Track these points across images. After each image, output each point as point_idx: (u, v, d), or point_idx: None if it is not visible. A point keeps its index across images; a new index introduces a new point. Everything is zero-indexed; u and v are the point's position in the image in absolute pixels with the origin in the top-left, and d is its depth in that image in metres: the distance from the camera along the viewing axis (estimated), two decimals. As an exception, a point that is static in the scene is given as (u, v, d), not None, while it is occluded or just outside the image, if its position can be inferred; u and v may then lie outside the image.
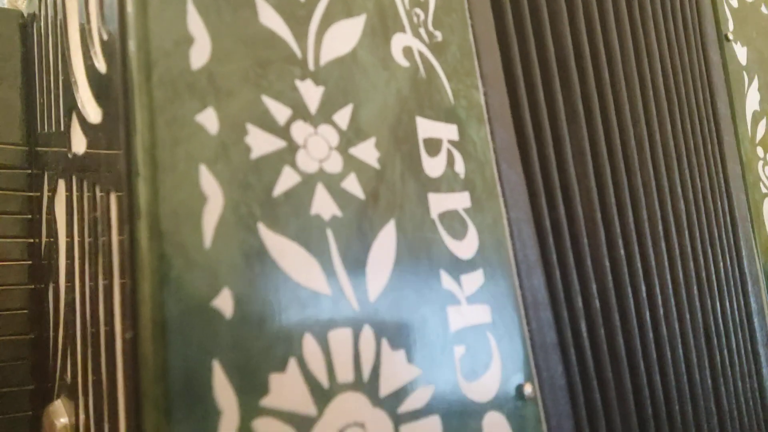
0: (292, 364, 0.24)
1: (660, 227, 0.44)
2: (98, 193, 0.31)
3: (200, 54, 0.26)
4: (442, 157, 0.33)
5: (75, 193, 0.38)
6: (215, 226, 0.24)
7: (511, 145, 0.38)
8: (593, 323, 0.38)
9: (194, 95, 0.25)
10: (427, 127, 0.33)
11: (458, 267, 0.31)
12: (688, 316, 0.44)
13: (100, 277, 0.30)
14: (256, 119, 0.26)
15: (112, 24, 0.27)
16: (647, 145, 0.45)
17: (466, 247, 0.32)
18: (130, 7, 0.25)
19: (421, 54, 0.34)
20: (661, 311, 0.42)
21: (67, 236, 0.40)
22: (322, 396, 0.25)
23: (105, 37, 0.29)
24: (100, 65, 0.30)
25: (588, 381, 0.36)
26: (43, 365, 0.50)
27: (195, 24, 0.26)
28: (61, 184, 0.44)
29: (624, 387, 0.38)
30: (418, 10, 0.35)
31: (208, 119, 0.25)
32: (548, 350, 0.34)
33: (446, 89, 0.35)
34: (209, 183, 0.24)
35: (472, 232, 0.33)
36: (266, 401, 0.23)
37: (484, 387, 0.30)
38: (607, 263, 0.40)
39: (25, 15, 0.58)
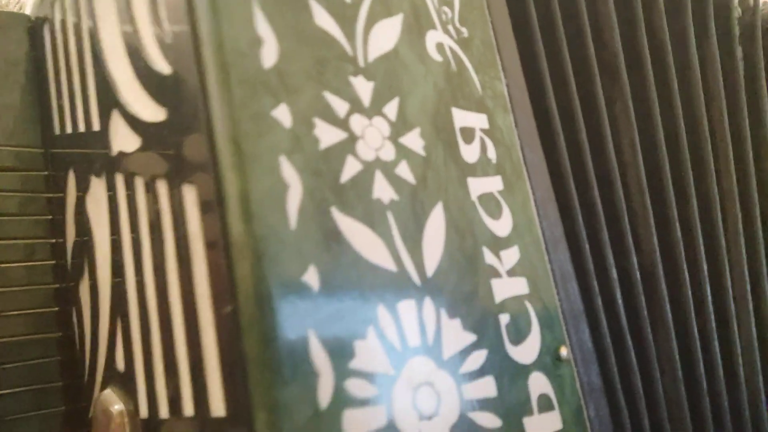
0: (371, 331, 0.27)
1: (740, 223, 0.49)
2: (161, 187, 0.33)
3: (270, 54, 0.28)
4: (476, 144, 0.36)
5: (124, 192, 0.39)
6: (297, 210, 0.26)
7: (533, 132, 0.41)
8: (631, 292, 0.42)
9: (269, 92, 0.27)
10: (461, 117, 0.36)
11: (497, 244, 0.34)
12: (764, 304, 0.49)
13: (172, 265, 0.32)
14: (321, 113, 0.29)
15: (179, 28, 0.29)
16: (732, 157, 0.51)
17: (502, 225, 0.35)
18: (201, 12, 0.28)
19: (451, 49, 0.37)
20: (731, 292, 0.48)
21: (112, 234, 0.42)
22: (397, 359, 0.27)
23: (168, 40, 0.31)
24: (161, 66, 0.32)
25: (622, 342, 0.41)
26: (74, 362, 0.51)
27: (262, 26, 0.28)
28: (97, 183, 0.46)
29: (669, 348, 0.43)
30: (446, 8, 0.38)
31: (282, 114, 0.27)
32: (577, 317, 0.38)
33: (474, 81, 0.38)
34: (289, 172, 0.27)
35: (506, 212, 0.36)
36: (353, 364, 0.26)
37: (527, 351, 0.33)
38: (656, 241, 0.44)
39: (33, 18, 0.58)
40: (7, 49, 0.57)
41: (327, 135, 0.29)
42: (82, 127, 0.48)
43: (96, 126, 0.45)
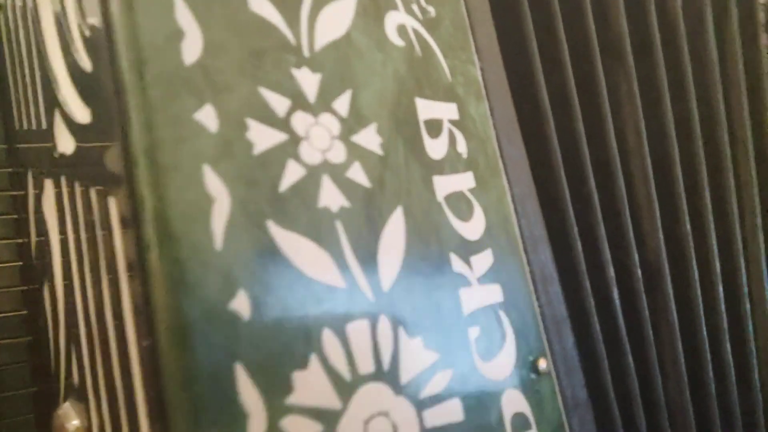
0: (314, 360, 0.24)
1: (758, 217, 0.47)
2: (93, 195, 0.30)
3: (192, 48, 0.25)
4: (444, 137, 0.33)
5: (66, 192, 0.37)
6: (225, 226, 0.23)
7: (511, 121, 0.37)
8: (631, 289, 0.40)
9: (191, 92, 0.24)
10: (426, 108, 0.32)
11: (467, 248, 0.31)
12: None
13: (105, 280, 0.29)
14: (255, 113, 0.26)
15: (95, 19, 0.26)
16: (751, 149, 0.47)
17: (474, 227, 0.32)
18: (114, 2, 0.24)
19: (415, 31, 0.33)
20: (745, 289, 0.45)
21: (61, 233, 0.39)
22: (345, 389, 0.25)
23: (87, 33, 0.28)
24: (84, 63, 0.29)
25: (618, 345, 0.38)
26: (43, 367, 0.49)
27: (183, 16, 0.25)
28: (48, 184, 0.43)
29: (674, 350, 0.40)
30: (409, -14, 0.34)
31: (207, 116, 0.24)
32: (559, 323, 0.34)
33: (443, 66, 0.34)
34: (214, 183, 0.23)
35: (479, 212, 0.33)
36: (291, 399, 0.23)
37: (500, 366, 0.30)
38: (661, 236, 0.42)
39: (-10, 6, 0.55)
40: (-38, 38, 0.54)
41: (262, 138, 0.25)
42: (34, 125, 0.46)
43: (44, 124, 0.42)
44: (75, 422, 0.39)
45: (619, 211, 0.41)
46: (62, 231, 0.39)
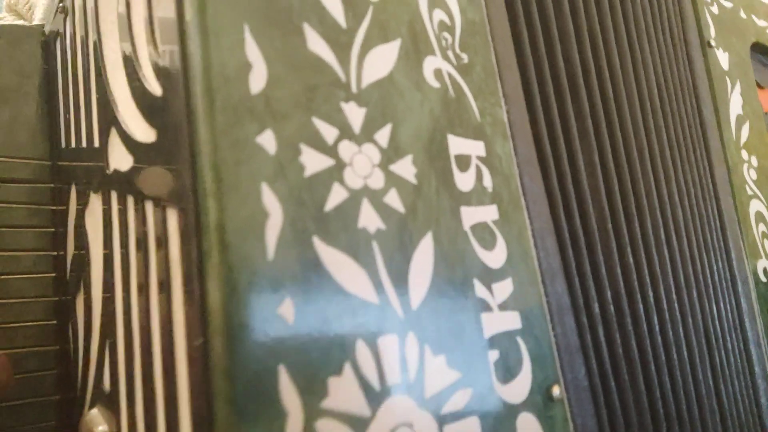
0: (348, 368, 0.26)
1: (662, 234, 0.46)
2: (148, 209, 0.33)
3: (258, 79, 0.28)
4: (472, 172, 0.35)
5: (116, 207, 0.39)
6: (276, 239, 0.26)
7: (532, 160, 0.40)
8: (609, 328, 0.40)
9: (254, 118, 0.27)
10: (457, 144, 0.35)
11: (490, 276, 0.33)
12: (690, 320, 0.46)
13: (154, 288, 0.31)
14: (308, 139, 0.28)
15: (171, 51, 0.29)
16: (647, 155, 0.47)
17: (496, 257, 0.34)
18: (191, 36, 0.27)
19: (450, 75, 0.36)
20: (667, 315, 0.44)
21: (105, 248, 0.42)
22: (374, 398, 0.26)
23: (160, 62, 0.31)
24: (154, 88, 0.32)
25: (607, 383, 0.38)
26: (69, 376, 0.51)
27: (252, 51, 0.28)
28: (95, 199, 0.46)
29: (638, 388, 0.40)
30: (446, 34, 0.37)
31: (267, 140, 0.27)
32: (572, 353, 0.36)
33: (473, 108, 0.37)
34: (270, 200, 0.26)
35: (501, 243, 0.35)
36: (326, 403, 0.25)
37: (516, 389, 0.32)
38: (619, 271, 0.42)
39: (47, 32, 0.59)
40: (20, 61, 0.58)
41: (313, 162, 0.28)
42: (84, 143, 0.49)
43: (96, 142, 0.45)
44: (102, 428, 0.41)
45: (593, 247, 0.42)
46: (107, 243, 0.41)
